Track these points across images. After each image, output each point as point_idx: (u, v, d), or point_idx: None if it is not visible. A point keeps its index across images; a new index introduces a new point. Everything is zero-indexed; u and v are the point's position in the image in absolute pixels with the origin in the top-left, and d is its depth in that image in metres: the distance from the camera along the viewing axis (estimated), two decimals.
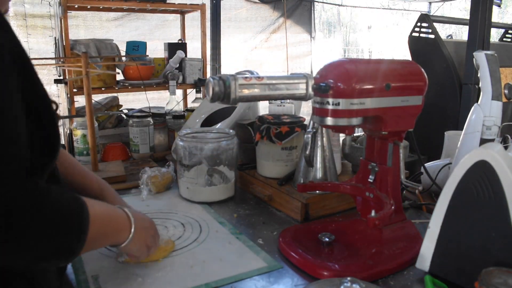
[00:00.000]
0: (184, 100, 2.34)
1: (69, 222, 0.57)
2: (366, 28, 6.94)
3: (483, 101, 1.11)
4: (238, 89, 0.71)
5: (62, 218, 0.56)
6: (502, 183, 0.69)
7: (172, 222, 1.03)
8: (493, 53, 1.12)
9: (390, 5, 6.13)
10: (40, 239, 0.53)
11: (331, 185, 1.02)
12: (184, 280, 0.78)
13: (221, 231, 0.99)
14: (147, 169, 1.24)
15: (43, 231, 0.53)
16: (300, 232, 0.94)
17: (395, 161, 0.90)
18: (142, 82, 2.01)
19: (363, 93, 0.78)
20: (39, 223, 0.52)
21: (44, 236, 0.54)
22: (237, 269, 0.82)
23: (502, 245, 0.69)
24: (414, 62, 0.91)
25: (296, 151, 1.19)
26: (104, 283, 0.77)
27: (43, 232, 0.53)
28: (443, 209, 0.76)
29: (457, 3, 6.52)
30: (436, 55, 1.90)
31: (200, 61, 2.31)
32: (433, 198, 1.23)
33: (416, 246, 0.84)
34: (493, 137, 1.10)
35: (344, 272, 0.77)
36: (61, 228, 0.56)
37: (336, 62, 0.82)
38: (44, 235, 0.53)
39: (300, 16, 5.00)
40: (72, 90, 1.87)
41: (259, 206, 1.15)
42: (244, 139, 1.31)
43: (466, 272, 0.73)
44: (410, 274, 0.81)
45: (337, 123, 0.79)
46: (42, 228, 0.53)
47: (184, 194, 1.20)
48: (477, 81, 1.64)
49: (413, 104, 0.86)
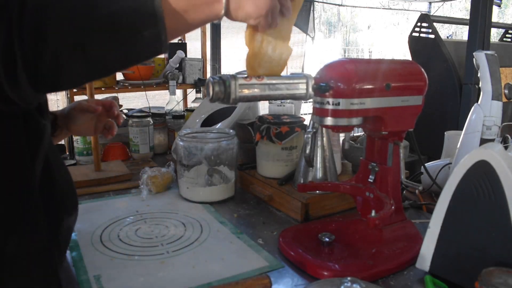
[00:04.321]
0: (184, 100, 2.34)
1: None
2: (366, 28, 6.94)
3: (483, 101, 1.11)
4: (238, 89, 0.71)
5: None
6: (502, 183, 0.69)
7: (173, 222, 1.03)
8: (493, 53, 1.12)
9: (390, 5, 6.13)
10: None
11: (331, 185, 1.02)
12: (187, 280, 0.78)
13: (222, 231, 0.99)
14: (147, 169, 1.25)
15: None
16: (300, 232, 0.94)
17: (395, 161, 0.90)
18: (142, 82, 2.01)
19: (363, 93, 0.78)
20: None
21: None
22: (239, 268, 0.82)
23: (502, 245, 0.70)
24: (414, 62, 0.92)
25: (296, 151, 1.19)
26: (106, 283, 0.77)
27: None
28: (443, 209, 0.77)
29: (457, 3, 6.53)
30: (436, 55, 1.90)
31: (200, 61, 2.31)
32: (433, 198, 1.23)
33: (416, 246, 0.84)
34: (493, 137, 1.10)
35: (344, 272, 0.77)
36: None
37: (336, 62, 0.82)
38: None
39: (299, 16, 5.00)
40: (72, 90, 1.87)
41: (259, 206, 1.15)
42: (244, 139, 1.31)
43: (466, 272, 0.73)
44: (410, 274, 0.81)
45: (337, 123, 0.79)
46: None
47: (184, 194, 1.20)
48: (477, 81, 1.64)
49: (413, 104, 0.86)
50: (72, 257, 0.86)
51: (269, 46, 0.72)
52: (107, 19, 0.51)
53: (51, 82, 0.52)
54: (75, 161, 1.50)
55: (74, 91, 1.87)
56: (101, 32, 0.51)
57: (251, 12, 0.61)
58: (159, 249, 0.90)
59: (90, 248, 0.90)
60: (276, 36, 0.72)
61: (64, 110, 0.95)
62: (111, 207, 1.12)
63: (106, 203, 1.16)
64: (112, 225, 1.01)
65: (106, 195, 1.23)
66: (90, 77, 0.57)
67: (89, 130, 0.98)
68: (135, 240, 0.94)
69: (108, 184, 1.28)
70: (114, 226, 1.01)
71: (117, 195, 1.23)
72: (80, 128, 0.96)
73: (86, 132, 1.01)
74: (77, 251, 0.88)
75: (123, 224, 1.02)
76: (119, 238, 0.94)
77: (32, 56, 0.48)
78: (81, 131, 0.99)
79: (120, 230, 0.98)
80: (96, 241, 0.93)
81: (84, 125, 0.96)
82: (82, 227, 0.99)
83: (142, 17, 0.52)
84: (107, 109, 0.97)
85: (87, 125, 0.96)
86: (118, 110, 0.99)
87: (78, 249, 0.89)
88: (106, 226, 1.00)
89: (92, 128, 0.97)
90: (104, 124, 0.98)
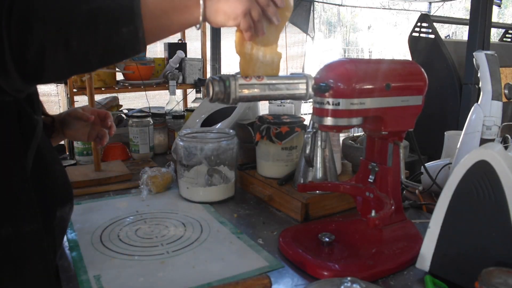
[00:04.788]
0: (184, 100, 2.34)
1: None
2: (366, 28, 6.95)
3: (483, 101, 1.11)
4: (238, 89, 0.71)
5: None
6: (502, 183, 0.69)
7: (173, 222, 1.03)
8: (493, 53, 1.12)
9: (390, 5, 6.14)
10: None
11: (331, 185, 1.02)
12: (187, 280, 0.78)
13: (222, 231, 0.99)
14: (147, 169, 1.25)
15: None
16: (300, 232, 0.94)
17: (395, 161, 0.90)
18: (142, 82, 2.01)
19: (363, 93, 0.78)
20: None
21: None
22: (239, 268, 0.82)
23: (502, 245, 0.70)
24: (414, 62, 0.92)
25: (296, 151, 1.19)
26: (106, 283, 0.77)
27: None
28: (443, 209, 0.77)
29: (457, 3, 6.53)
30: (436, 55, 1.90)
31: (200, 61, 2.31)
32: (433, 198, 1.23)
33: (416, 246, 0.84)
34: (493, 137, 1.10)
35: (344, 272, 0.77)
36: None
37: (336, 62, 0.82)
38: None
39: (299, 16, 5.00)
40: (72, 90, 1.87)
41: (259, 206, 1.15)
42: (244, 139, 1.31)
43: (466, 272, 0.73)
44: (410, 274, 0.81)
45: (337, 123, 0.79)
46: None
47: (184, 194, 1.20)
48: (477, 81, 1.64)
49: (413, 104, 0.86)
50: (72, 257, 0.86)
51: (259, 52, 0.74)
52: (88, 15, 0.54)
53: (36, 73, 0.55)
54: (75, 161, 1.50)
55: (74, 91, 1.87)
56: (82, 27, 0.54)
57: (228, 12, 0.64)
58: (159, 249, 0.90)
59: (90, 248, 0.90)
60: (264, 43, 0.74)
61: (61, 114, 0.99)
62: (111, 207, 1.12)
63: (106, 203, 1.16)
64: (112, 225, 1.01)
65: (106, 195, 1.23)
66: (72, 70, 0.60)
67: (82, 136, 1.02)
68: (135, 240, 0.94)
69: (108, 184, 1.28)
70: (114, 226, 1.01)
71: (117, 195, 1.23)
72: (74, 134, 1.00)
73: (79, 138, 1.05)
74: (77, 251, 0.88)
75: (123, 224, 1.02)
76: (119, 238, 0.94)
77: (19, 46, 0.52)
78: (75, 136, 1.03)
79: (120, 230, 0.98)
80: (96, 241, 0.93)
81: (78, 132, 1.00)
82: (82, 227, 0.99)
83: (120, 13, 0.56)
84: (101, 118, 1.01)
85: (81, 132, 1.00)
86: (112, 121, 1.02)
87: (78, 249, 0.89)
88: (106, 226, 1.00)
89: (85, 135, 1.01)
90: (97, 133, 1.02)
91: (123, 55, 0.60)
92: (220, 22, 0.65)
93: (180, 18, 0.62)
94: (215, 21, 0.64)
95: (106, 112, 1.02)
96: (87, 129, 1.01)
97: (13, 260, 0.64)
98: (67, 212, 0.80)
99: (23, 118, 0.66)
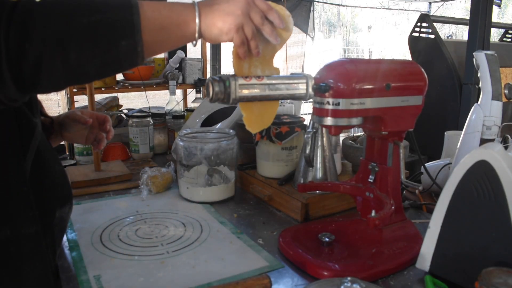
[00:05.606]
0: (184, 100, 2.34)
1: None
2: (366, 28, 6.95)
3: (483, 101, 1.11)
4: (238, 89, 0.71)
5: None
6: (502, 183, 0.69)
7: (173, 222, 1.03)
8: (493, 53, 1.12)
9: (390, 5, 6.14)
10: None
11: (331, 185, 1.02)
12: (187, 280, 0.78)
13: (222, 231, 0.99)
14: (147, 169, 1.25)
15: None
16: (300, 232, 0.94)
17: (395, 161, 0.90)
18: (142, 82, 2.02)
19: (363, 93, 0.78)
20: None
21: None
22: (239, 268, 0.82)
23: (502, 245, 0.70)
24: (414, 62, 0.92)
25: (296, 151, 1.19)
26: (106, 283, 0.77)
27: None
28: (443, 209, 0.77)
29: (457, 3, 6.53)
30: (436, 55, 1.91)
31: (200, 61, 2.31)
32: (433, 198, 1.23)
33: (416, 246, 0.84)
34: (493, 137, 1.10)
35: (344, 272, 0.77)
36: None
37: (336, 62, 0.82)
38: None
39: (299, 16, 5.00)
40: (72, 90, 1.87)
41: (259, 206, 1.15)
42: (244, 139, 1.31)
43: (466, 272, 0.73)
44: (410, 274, 0.81)
45: (337, 123, 0.79)
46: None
47: (184, 194, 1.20)
48: (477, 81, 1.64)
49: (413, 104, 0.86)
50: (72, 257, 0.86)
51: (257, 70, 0.75)
52: (88, 28, 0.54)
53: (32, 83, 0.55)
54: (75, 161, 1.50)
55: (74, 91, 1.87)
56: (81, 40, 0.54)
57: (221, 27, 0.65)
58: (159, 249, 0.90)
59: (90, 248, 0.90)
60: (261, 62, 0.75)
61: (60, 116, 0.99)
62: (111, 207, 1.12)
63: (106, 203, 1.16)
64: (112, 225, 1.01)
65: (106, 195, 1.23)
66: (68, 81, 0.60)
67: (80, 139, 1.02)
68: (135, 240, 0.94)
69: (108, 184, 1.28)
70: (114, 226, 1.01)
71: (117, 195, 1.23)
72: (72, 136, 1.01)
73: (77, 140, 1.05)
74: (77, 251, 0.88)
75: (123, 224, 1.02)
76: (119, 238, 0.94)
77: (17, 55, 0.51)
78: (73, 139, 1.03)
79: (120, 230, 0.98)
80: (96, 241, 0.93)
81: (76, 134, 1.00)
82: (82, 227, 0.99)
83: (120, 27, 0.56)
84: (100, 122, 1.02)
85: (79, 134, 1.01)
86: (110, 126, 1.03)
87: (78, 249, 0.89)
88: (106, 226, 1.00)
89: (83, 138, 1.02)
90: (95, 136, 1.02)
91: (120, 68, 0.61)
92: (214, 37, 0.66)
93: (177, 32, 0.63)
94: (210, 36, 0.66)
95: (105, 116, 1.02)
96: (85, 132, 1.01)
97: (12, 261, 0.64)
98: (66, 212, 0.80)
99: (21, 121, 0.66)
